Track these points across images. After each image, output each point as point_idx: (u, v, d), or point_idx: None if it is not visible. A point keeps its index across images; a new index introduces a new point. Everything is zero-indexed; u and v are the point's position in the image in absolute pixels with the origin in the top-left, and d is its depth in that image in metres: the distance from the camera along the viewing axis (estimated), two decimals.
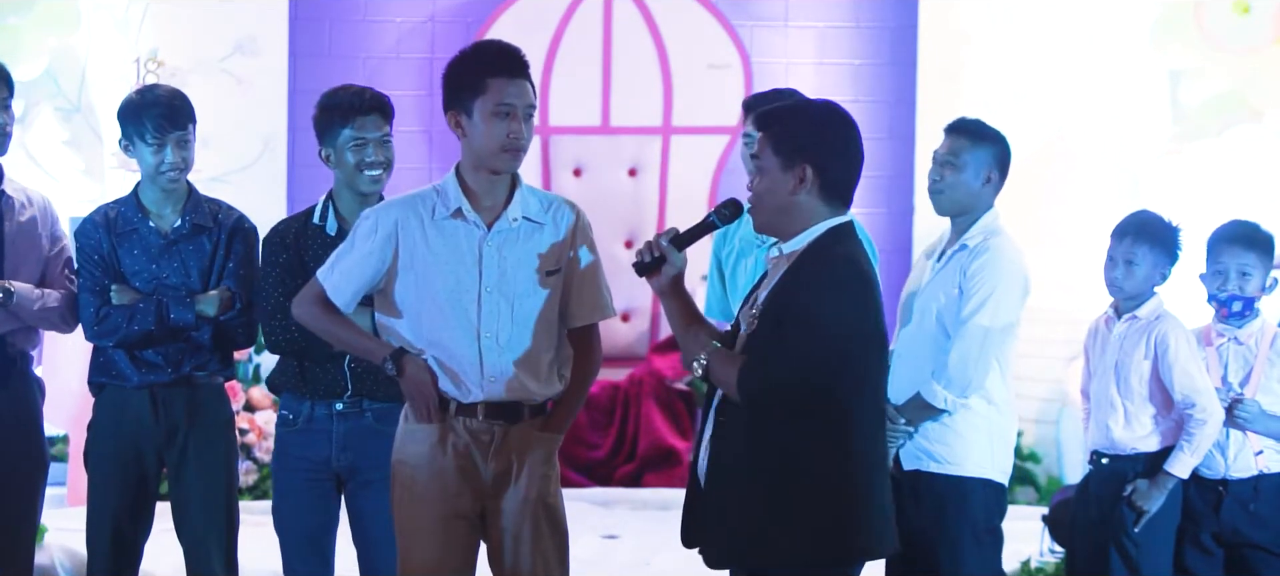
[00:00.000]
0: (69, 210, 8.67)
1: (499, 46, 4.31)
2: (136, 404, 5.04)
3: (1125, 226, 5.31)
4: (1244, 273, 5.28)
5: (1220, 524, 5.32)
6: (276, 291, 4.85)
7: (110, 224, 5.09)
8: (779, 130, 3.94)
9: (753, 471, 3.86)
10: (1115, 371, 5.29)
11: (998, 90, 8.96)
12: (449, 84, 4.28)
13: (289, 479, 4.92)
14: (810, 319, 3.80)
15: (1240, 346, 5.33)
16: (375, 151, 4.87)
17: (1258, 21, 8.79)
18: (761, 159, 3.96)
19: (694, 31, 9.47)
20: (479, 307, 4.20)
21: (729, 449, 3.92)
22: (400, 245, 4.23)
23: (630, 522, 7.99)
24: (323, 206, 4.93)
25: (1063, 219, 8.45)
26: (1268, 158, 8.78)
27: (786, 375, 3.81)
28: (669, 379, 9.05)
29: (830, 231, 3.91)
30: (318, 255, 4.83)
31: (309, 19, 9.44)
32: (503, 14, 9.43)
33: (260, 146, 8.92)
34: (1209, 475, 5.30)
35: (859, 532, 3.90)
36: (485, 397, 4.22)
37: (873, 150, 9.41)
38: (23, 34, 8.57)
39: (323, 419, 4.87)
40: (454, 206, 4.25)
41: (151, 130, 5.01)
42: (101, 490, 5.07)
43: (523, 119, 4.20)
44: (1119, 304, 5.34)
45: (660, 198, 9.49)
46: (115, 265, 5.04)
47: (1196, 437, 5.17)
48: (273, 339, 4.91)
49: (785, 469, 3.84)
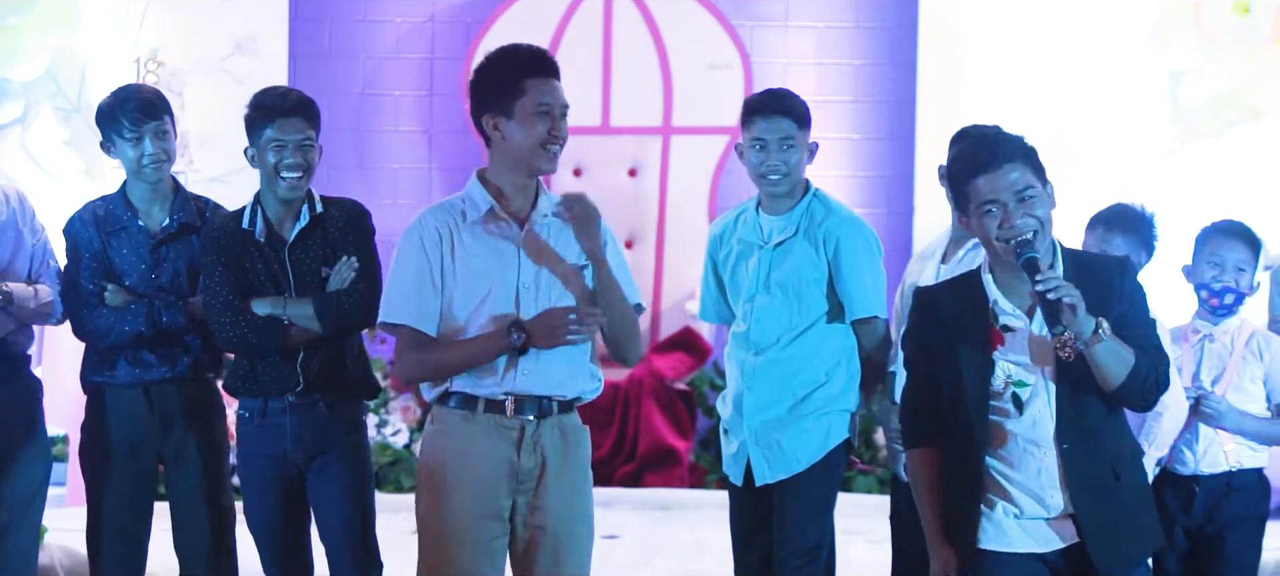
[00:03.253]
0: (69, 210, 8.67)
1: (530, 49, 4.36)
2: (130, 401, 5.03)
3: (1099, 219, 5.30)
4: (1240, 267, 5.28)
5: (1191, 517, 5.31)
6: (223, 289, 4.86)
7: (99, 221, 5.09)
8: (1032, 153, 4.06)
9: (1126, 467, 4.12)
10: None
11: (998, 90, 8.97)
12: (482, 88, 4.30)
13: (254, 478, 4.95)
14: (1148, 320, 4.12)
15: (1214, 343, 5.33)
16: (293, 154, 4.86)
17: (1258, 21, 8.79)
18: (1035, 187, 4.02)
19: (694, 31, 9.48)
20: (517, 304, 4.24)
21: (1097, 452, 4.05)
22: (444, 247, 4.26)
23: (630, 522, 8.00)
24: (250, 210, 4.93)
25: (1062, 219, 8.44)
26: (1267, 158, 8.78)
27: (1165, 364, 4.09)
28: (669, 379, 9.05)
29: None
30: (253, 258, 4.86)
31: (309, 19, 9.45)
32: (503, 14, 9.43)
33: None
34: (1181, 471, 5.30)
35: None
36: (517, 391, 4.25)
37: (873, 150, 9.54)
38: (23, 34, 8.58)
39: (277, 413, 4.88)
40: (484, 209, 4.28)
41: (128, 124, 5.00)
42: (100, 489, 5.06)
43: (560, 117, 4.26)
44: None
45: (660, 198, 9.49)
46: (108, 263, 5.04)
47: (1154, 430, 5.16)
48: (223, 336, 4.91)
49: (1132, 460, 4.17)
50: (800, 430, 5.01)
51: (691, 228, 9.25)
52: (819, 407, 5.01)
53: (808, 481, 5.01)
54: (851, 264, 5.02)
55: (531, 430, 4.27)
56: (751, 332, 5.08)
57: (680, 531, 7.87)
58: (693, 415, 9.14)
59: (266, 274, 4.85)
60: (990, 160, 3.98)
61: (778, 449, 5.02)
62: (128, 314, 4.98)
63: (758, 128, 5.02)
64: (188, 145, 8.82)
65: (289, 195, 4.88)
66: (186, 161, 8.81)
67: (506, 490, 4.28)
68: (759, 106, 5.06)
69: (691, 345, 9.10)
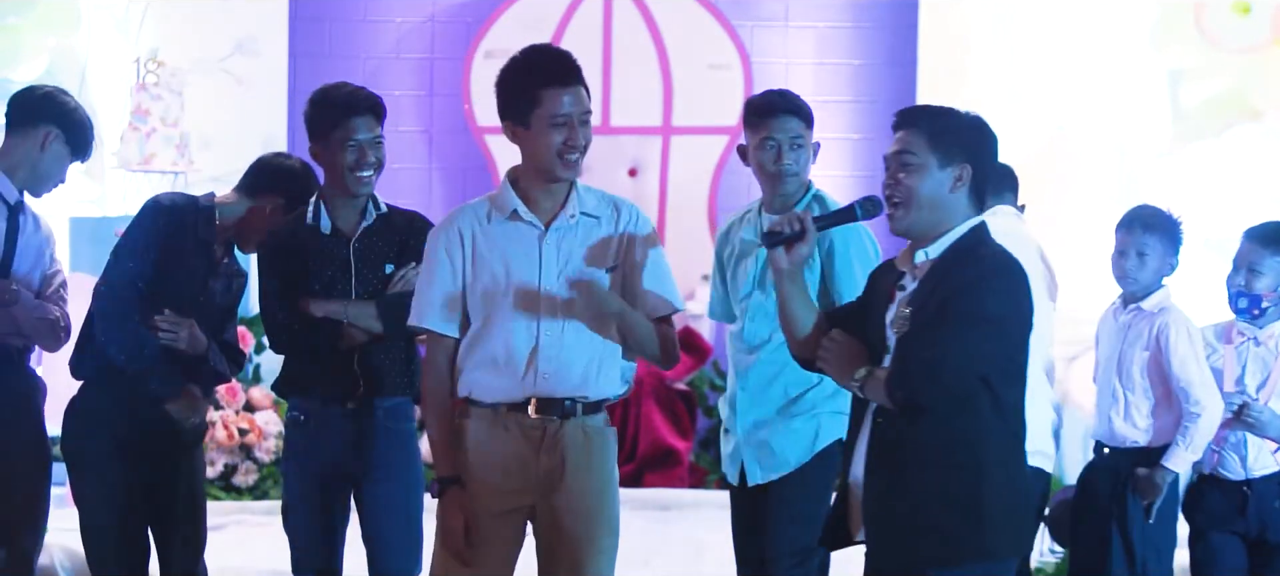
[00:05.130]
0: (69, 210, 8.68)
1: (551, 54, 4.31)
2: (128, 395, 4.98)
3: (1134, 218, 5.31)
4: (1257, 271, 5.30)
5: (1247, 525, 5.31)
6: (278, 295, 4.85)
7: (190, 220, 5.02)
8: (937, 127, 3.91)
9: (938, 471, 3.85)
10: (1117, 361, 5.29)
11: (998, 90, 8.97)
12: (502, 95, 4.27)
13: (300, 479, 4.90)
14: (974, 314, 3.80)
15: (1259, 347, 5.33)
16: (370, 152, 4.86)
17: (1258, 21, 8.81)
18: (914, 155, 3.89)
19: (694, 31, 9.48)
20: (539, 304, 4.21)
21: (897, 452, 3.89)
22: (466, 248, 4.25)
23: (630, 522, 7.91)
24: (314, 206, 4.90)
25: (1063, 219, 8.46)
26: (1267, 158, 8.79)
27: (955, 371, 3.81)
28: (669, 379, 9.05)
29: (973, 230, 3.92)
30: (317, 256, 4.84)
31: (309, 19, 9.45)
32: (503, 14, 9.43)
33: (260, 146, 8.83)
34: (1231, 476, 5.30)
35: (1030, 526, 4.05)
36: (538, 392, 4.23)
37: (873, 150, 9.54)
38: (23, 34, 8.59)
39: (334, 418, 4.86)
40: (510, 209, 4.26)
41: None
42: (98, 483, 5.00)
43: (579, 125, 4.21)
44: (1126, 294, 5.34)
45: (660, 198, 9.50)
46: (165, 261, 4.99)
47: (1191, 432, 5.16)
48: (276, 341, 4.91)
49: (964, 466, 3.84)
50: (789, 430, 5.00)
51: (691, 228, 9.26)
52: (810, 407, 5.00)
53: (798, 482, 4.99)
54: (844, 263, 5.01)
55: (554, 429, 4.25)
56: (745, 331, 5.08)
57: (680, 531, 7.86)
58: (693, 415, 9.14)
59: (329, 270, 4.82)
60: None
61: (767, 449, 5.01)
62: (145, 346, 4.90)
63: (770, 127, 5.01)
64: (188, 145, 8.83)
65: (362, 192, 4.85)
66: (187, 161, 8.81)
67: (525, 490, 4.26)
68: (769, 107, 5.04)
69: (692, 345, 9.10)
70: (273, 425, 8.58)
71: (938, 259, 3.89)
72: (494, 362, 4.23)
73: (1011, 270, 3.86)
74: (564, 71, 4.23)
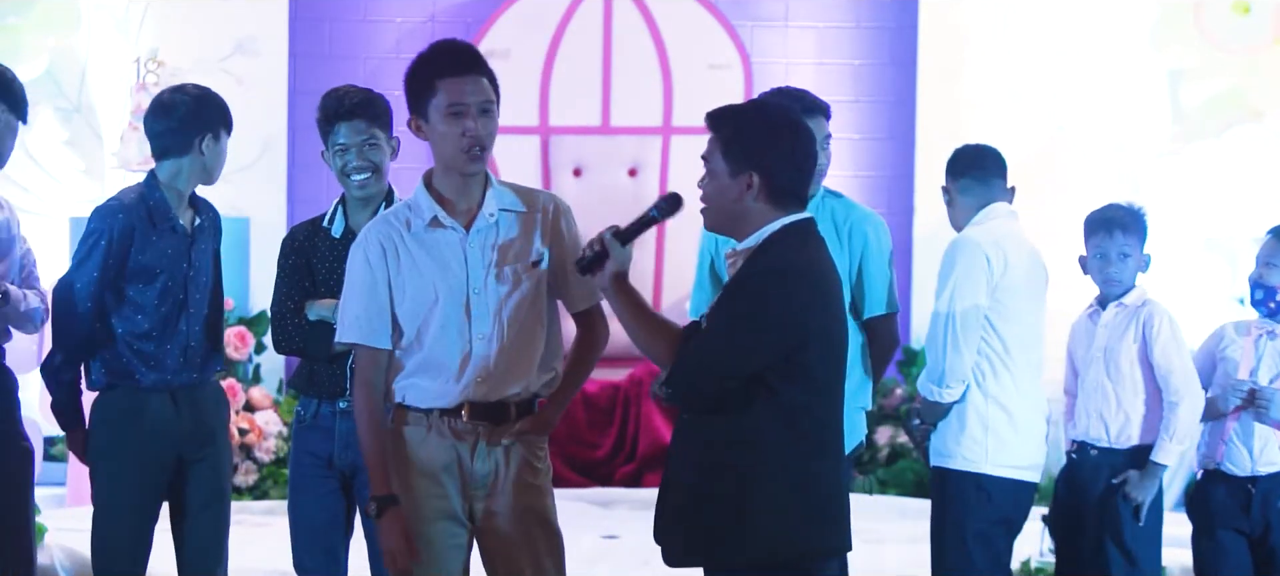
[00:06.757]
0: (69, 210, 8.69)
1: (446, 45, 4.25)
2: (156, 404, 4.97)
3: (1111, 222, 5.32)
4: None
5: (1251, 523, 5.31)
6: (284, 295, 4.90)
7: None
8: (728, 134, 3.93)
9: (705, 468, 3.91)
10: (1105, 357, 5.30)
11: (998, 90, 8.98)
12: (407, 91, 4.24)
13: (301, 475, 4.97)
14: (745, 314, 3.84)
15: (1275, 340, 5.34)
16: (357, 156, 4.86)
17: (1258, 21, 8.81)
18: (711, 161, 3.94)
19: (694, 31, 9.48)
20: (468, 309, 4.15)
21: (684, 447, 3.99)
22: (389, 259, 4.19)
23: (630, 522, 7.98)
24: (333, 210, 4.96)
25: (1062, 219, 8.45)
26: (1267, 158, 8.79)
27: (718, 368, 3.86)
28: None
29: (783, 230, 3.91)
30: (324, 257, 4.87)
31: (309, 19, 9.45)
32: (503, 14, 9.43)
33: (260, 147, 8.92)
34: (1237, 472, 5.31)
35: (813, 530, 3.91)
36: (470, 398, 4.18)
37: (873, 150, 9.55)
38: (23, 34, 8.59)
39: (327, 416, 4.91)
40: (429, 216, 4.19)
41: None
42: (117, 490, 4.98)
43: (478, 115, 4.13)
44: (1104, 295, 5.37)
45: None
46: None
47: (1172, 422, 5.17)
48: (279, 341, 4.95)
49: (732, 466, 3.87)
50: None
51: (691, 228, 9.20)
52: None
53: None
54: (878, 261, 5.10)
55: (488, 432, 4.20)
56: None
57: None
58: None
59: (337, 271, 4.82)
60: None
61: None
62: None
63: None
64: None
65: (358, 194, 4.87)
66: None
67: (461, 493, 4.22)
68: (807, 109, 5.00)
69: None
70: (273, 425, 8.58)
71: (743, 261, 3.93)
72: (426, 369, 4.17)
73: (790, 272, 3.86)
74: (459, 61, 4.17)
